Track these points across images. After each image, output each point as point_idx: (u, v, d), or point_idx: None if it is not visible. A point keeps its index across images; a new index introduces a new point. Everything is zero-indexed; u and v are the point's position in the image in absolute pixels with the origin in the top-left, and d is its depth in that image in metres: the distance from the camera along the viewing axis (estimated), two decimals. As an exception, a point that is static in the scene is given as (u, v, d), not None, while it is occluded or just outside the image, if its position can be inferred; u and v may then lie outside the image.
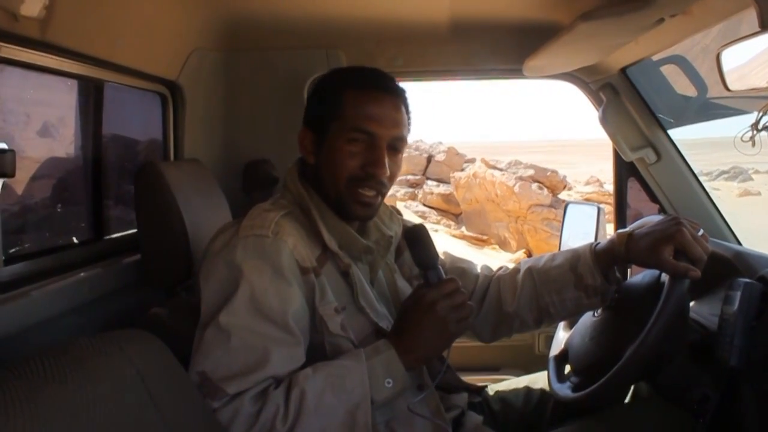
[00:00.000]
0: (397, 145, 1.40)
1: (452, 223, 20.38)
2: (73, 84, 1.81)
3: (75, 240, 1.87)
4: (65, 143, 1.91)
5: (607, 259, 1.51)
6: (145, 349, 1.02)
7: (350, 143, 1.37)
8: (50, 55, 1.48)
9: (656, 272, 1.49)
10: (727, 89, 1.36)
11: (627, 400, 1.69)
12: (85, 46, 1.52)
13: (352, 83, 1.41)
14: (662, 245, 1.37)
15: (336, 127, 1.38)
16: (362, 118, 1.36)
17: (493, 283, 1.66)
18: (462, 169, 21.33)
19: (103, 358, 0.93)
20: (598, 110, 2.24)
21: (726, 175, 34.01)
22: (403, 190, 21.92)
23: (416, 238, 1.35)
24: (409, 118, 1.45)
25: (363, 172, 1.37)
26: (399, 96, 1.42)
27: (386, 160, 1.36)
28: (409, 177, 22.67)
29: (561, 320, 1.66)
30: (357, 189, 1.37)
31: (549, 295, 1.56)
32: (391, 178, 1.41)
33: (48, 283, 1.52)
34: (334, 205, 1.40)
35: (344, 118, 1.37)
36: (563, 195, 18.59)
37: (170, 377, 1.06)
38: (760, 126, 1.33)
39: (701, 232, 1.40)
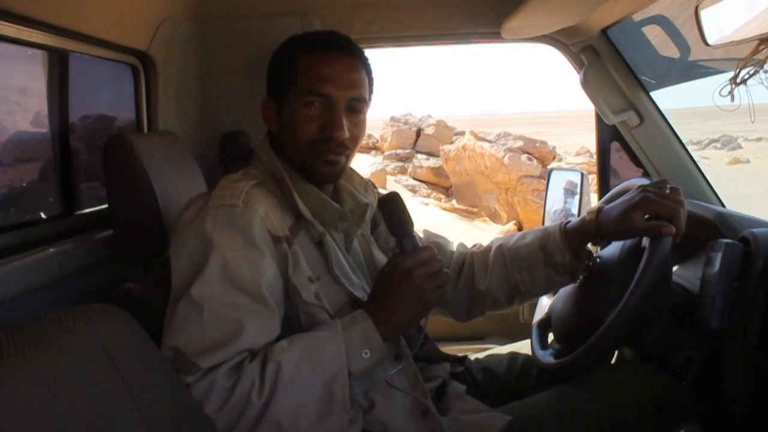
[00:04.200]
0: (355, 105, 1.39)
1: (442, 196, 20.38)
2: (35, 54, 1.75)
3: (44, 215, 1.83)
4: (29, 116, 1.86)
5: (577, 237, 1.52)
6: (113, 323, 0.99)
7: (307, 107, 1.36)
8: (9, 24, 1.42)
9: (637, 239, 1.47)
10: (706, 44, 1.33)
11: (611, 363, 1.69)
12: (46, 14, 1.47)
13: (306, 47, 1.40)
14: (631, 213, 1.38)
15: (293, 93, 1.38)
16: (316, 81, 1.35)
17: (467, 260, 1.67)
18: (451, 142, 21.28)
19: (66, 333, 0.90)
20: (579, 73, 2.21)
21: (716, 144, 34.16)
22: (393, 164, 21.86)
23: (390, 205, 1.33)
24: (370, 79, 1.44)
25: (322, 135, 1.36)
26: (354, 56, 1.41)
27: (344, 122, 1.36)
28: (399, 151, 22.60)
29: (532, 297, 1.66)
30: (319, 152, 1.37)
31: (519, 273, 1.57)
32: (354, 140, 1.40)
33: (15, 259, 1.49)
34: (301, 170, 1.39)
35: (299, 83, 1.37)
36: (553, 166, 18.62)
37: (140, 352, 1.03)
38: (738, 79, 1.30)
39: (669, 187, 1.39)
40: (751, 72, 1.27)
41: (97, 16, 1.67)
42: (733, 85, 1.31)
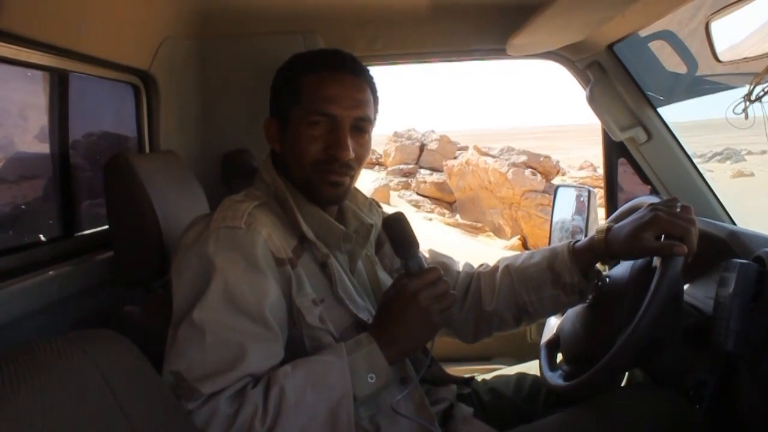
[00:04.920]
0: (360, 125, 1.37)
1: (446, 211, 20.39)
2: (35, 73, 1.74)
3: (43, 237, 1.80)
4: (29, 137, 1.85)
5: (586, 257, 1.49)
6: (111, 349, 0.97)
7: (311, 127, 1.34)
8: (8, 45, 1.41)
9: (647, 259, 1.44)
10: (717, 60, 1.31)
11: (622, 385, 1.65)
12: (47, 34, 1.46)
13: (310, 67, 1.39)
14: (642, 232, 1.34)
15: (297, 113, 1.36)
16: (321, 101, 1.34)
17: (474, 280, 1.64)
18: (455, 157, 21.33)
19: (63, 361, 0.88)
20: (585, 89, 2.18)
21: (719, 157, 34.20)
22: (396, 180, 21.91)
23: (395, 225, 1.30)
24: (375, 98, 1.43)
25: (326, 155, 1.34)
26: (359, 75, 1.40)
27: (349, 142, 1.34)
28: (402, 166, 22.66)
29: (540, 318, 1.64)
30: (323, 173, 1.35)
31: (527, 294, 1.54)
32: (358, 160, 1.39)
33: (13, 283, 1.47)
34: (305, 190, 1.38)
35: (304, 103, 1.35)
36: (556, 180, 18.61)
37: (139, 380, 1.00)
38: (753, 96, 1.28)
39: (679, 206, 1.36)
40: (766, 89, 1.25)
41: (97, 35, 1.65)
42: (747, 103, 1.28)
